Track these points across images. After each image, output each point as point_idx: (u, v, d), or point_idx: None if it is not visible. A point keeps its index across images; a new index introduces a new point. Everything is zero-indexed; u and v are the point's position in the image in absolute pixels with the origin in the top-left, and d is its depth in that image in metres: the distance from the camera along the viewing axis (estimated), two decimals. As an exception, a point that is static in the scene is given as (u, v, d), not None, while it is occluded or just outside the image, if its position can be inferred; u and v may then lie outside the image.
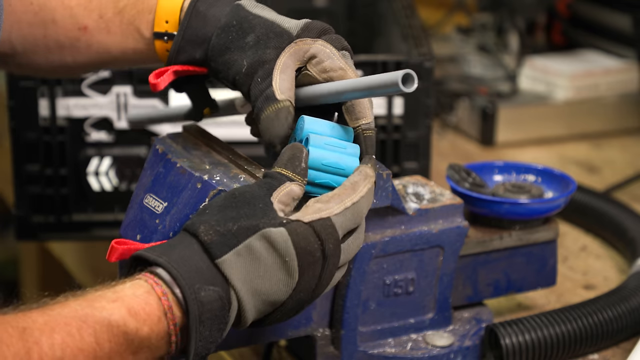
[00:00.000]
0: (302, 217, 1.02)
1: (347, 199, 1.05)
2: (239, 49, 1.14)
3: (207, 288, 0.98)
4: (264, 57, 1.12)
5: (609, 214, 1.68)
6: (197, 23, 1.16)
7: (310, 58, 1.14)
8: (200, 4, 1.17)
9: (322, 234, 1.02)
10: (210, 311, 0.98)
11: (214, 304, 0.98)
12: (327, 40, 1.14)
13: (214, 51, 1.15)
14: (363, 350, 1.26)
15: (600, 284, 1.56)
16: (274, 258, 1.01)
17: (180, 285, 0.98)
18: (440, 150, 2.03)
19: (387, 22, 1.97)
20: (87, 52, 1.24)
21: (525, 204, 1.36)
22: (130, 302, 0.97)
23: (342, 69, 1.13)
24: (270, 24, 1.15)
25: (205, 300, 0.98)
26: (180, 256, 1.00)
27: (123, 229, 1.20)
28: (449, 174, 1.40)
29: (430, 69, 1.58)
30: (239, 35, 1.14)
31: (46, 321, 0.93)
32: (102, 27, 1.22)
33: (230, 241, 1.00)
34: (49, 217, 1.60)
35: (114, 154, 1.59)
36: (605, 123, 2.18)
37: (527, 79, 2.22)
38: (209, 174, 1.15)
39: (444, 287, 1.30)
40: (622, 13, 2.24)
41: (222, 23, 1.15)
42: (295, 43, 1.14)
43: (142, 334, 0.96)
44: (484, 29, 2.37)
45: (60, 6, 1.23)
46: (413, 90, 1.04)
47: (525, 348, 1.28)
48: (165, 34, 1.19)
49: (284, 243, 1.00)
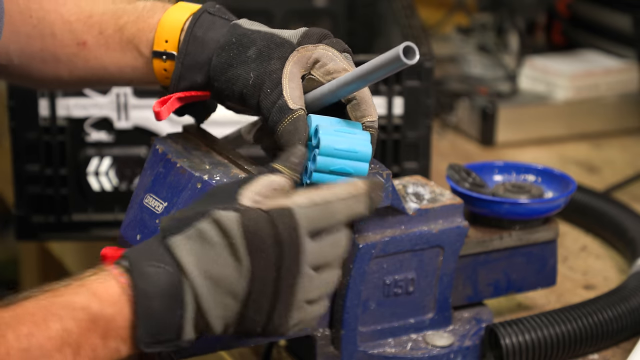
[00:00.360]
0: (261, 205, 1.02)
1: (317, 195, 1.03)
2: (242, 64, 1.14)
3: (154, 264, 0.98)
4: (270, 68, 1.13)
5: (609, 214, 1.68)
6: (196, 48, 1.17)
7: (314, 63, 1.15)
8: (197, 29, 1.17)
9: (277, 220, 1.00)
10: (156, 285, 0.97)
11: (161, 278, 0.98)
12: (328, 44, 1.16)
13: (216, 71, 1.16)
14: (363, 350, 1.26)
15: (600, 284, 1.56)
16: (221, 240, 0.99)
17: (130, 263, 0.99)
18: (440, 150, 2.03)
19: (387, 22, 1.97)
20: (83, 68, 1.25)
21: (525, 204, 1.36)
22: (92, 285, 0.97)
23: (346, 69, 1.14)
24: (270, 36, 1.15)
25: (150, 272, 0.98)
26: (144, 242, 1.02)
27: (123, 229, 1.20)
28: (449, 174, 1.40)
29: (430, 69, 1.58)
30: (240, 51, 1.15)
31: (12, 315, 0.93)
32: (102, 43, 1.22)
33: (183, 225, 1.00)
34: (49, 217, 1.60)
35: (114, 154, 1.59)
36: (605, 123, 2.18)
37: (527, 79, 2.22)
38: (209, 174, 1.15)
39: (444, 287, 1.30)
40: (622, 13, 2.24)
41: (221, 43, 1.16)
42: (298, 51, 1.14)
43: (107, 314, 0.96)
44: (484, 29, 2.37)
45: (60, 20, 1.23)
46: (416, 61, 1.04)
47: (525, 348, 1.28)
48: (164, 53, 1.19)
49: (231, 224, 0.99)
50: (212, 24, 1.18)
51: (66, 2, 1.24)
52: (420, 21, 1.81)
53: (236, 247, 0.99)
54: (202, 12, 1.19)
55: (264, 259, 1.00)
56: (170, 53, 1.19)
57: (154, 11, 1.21)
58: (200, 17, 1.18)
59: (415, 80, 1.58)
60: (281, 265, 1.00)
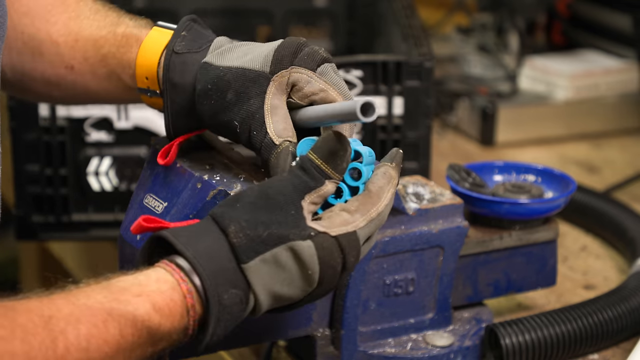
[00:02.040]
0: (329, 229, 1.03)
1: (372, 209, 1.05)
2: (225, 110, 1.13)
3: (230, 291, 0.99)
4: (251, 109, 1.12)
5: (609, 214, 1.68)
6: (178, 96, 1.16)
7: (292, 86, 1.13)
8: (172, 75, 1.16)
9: (346, 248, 1.03)
10: (229, 313, 1.00)
11: (234, 307, 1.00)
12: (300, 64, 1.13)
13: (204, 118, 1.15)
14: (363, 350, 1.26)
15: (600, 284, 1.56)
16: (298, 269, 1.02)
17: (205, 287, 0.99)
18: (440, 150, 2.03)
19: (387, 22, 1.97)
20: (73, 90, 1.25)
21: (525, 204, 1.36)
22: (155, 297, 0.97)
23: (323, 90, 1.13)
24: (242, 73, 1.13)
25: (226, 303, 0.99)
26: (207, 252, 1.00)
27: (123, 229, 1.20)
28: (449, 174, 1.40)
29: (430, 69, 1.58)
30: (219, 97, 1.13)
31: (72, 311, 0.94)
32: (87, 70, 1.22)
33: (259, 247, 1.00)
34: (49, 217, 1.60)
35: (114, 154, 1.59)
36: (605, 123, 2.18)
37: (527, 79, 2.22)
38: (209, 174, 1.15)
39: (444, 287, 1.30)
40: (622, 13, 2.24)
41: (198, 90, 1.14)
42: (273, 80, 1.13)
43: (164, 329, 0.97)
44: (484, 29, 2.37)
45: (48, 40, 1.23)
46: (374, 119, 1.03)
47: (525, 348, 1.28)
48: (148, 90, 1.19)
49: (310, 257, 1.02)
50: (183, 67, 1.16)
51: (57, 22, 1.23)
52: (420, 21, 1.81)
53: (311, 277, 1.02)
54: (171, 55, 1.16)
55: (331, 281, 1.04)
56: (153, 90, 1.19)
57: (130, 45, 1.20)
58: (170, 61, 1.16)
59: (415, 80, 1.58)
60: (338, 282, 1.06)
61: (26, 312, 0.92)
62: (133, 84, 1.20)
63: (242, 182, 1.13)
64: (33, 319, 0.91)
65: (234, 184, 1.13)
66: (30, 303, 0.93)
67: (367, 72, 1.57)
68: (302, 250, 1.01)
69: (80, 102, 1.30)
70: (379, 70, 1.57)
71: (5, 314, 0.91)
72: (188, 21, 1.19)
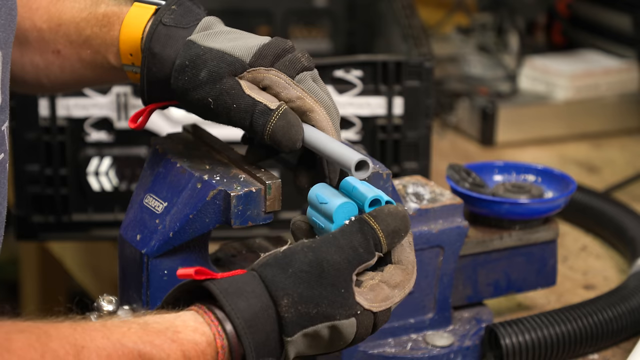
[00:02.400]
0: (372, 306, 1.03)
1: (408, 285, 1.07)
2: (197, 88, 1.12)
3: (266, 359, 1.00)
4: (224, 87, 1.11)
5: (609, 214, 1.68)
6: (155, 66, 1.16)
7: (265, 88, 1.13)
8: (154, 45, 1.16)
9: (380, 323, 1.05)
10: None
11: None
12: (281, 68, 1.13)
13: (177, 93, 1.14)
14: (363, 350, 1.26)
15: (600, 284, 1.56)
16: (335, 341, 1.03)
17: (242, 346, 0.98)
18: (440, 150, 2.03)
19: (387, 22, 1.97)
20: (61, 75, 1.24)
21: (525, 204, 1.36)
22: (188, 347, 0.97)
23: (300, 97, 1.12)
24: (221, 55, 1.12)
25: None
26: (252, 317, 0.99)
27: (123, 229, 1.20)
28: (449, 174, 1.40)
29: (430, 69, 1.58)
30: (193, 74, 1.12)
31: (105, 345, 0.93)
32: (73, 52, 1.22)
33: (305, 323, 1.00)
34: (49, 217, 1.60)
35: (114, 154, 1.59)
36: (605, 123, 2.18)
37: (527, 79, 2.22)
38: (209, 174, 1.15)
39: (444, 287, 1.30)
40: (622, 13, 2.24)
41: (176, 65, 1.14)
42: (249, 72, 1.12)
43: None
44: (484, 29, 2.37)
45: (32, 27, 1.23)
46: (366, 177, 1.06)
47: (525, 348, 1.28)
48: (132, 66, 1.19)
49: (349, 334, 1.03)
50: (167, 39, 1.15)
51: (39, 8, 1.23)
52: (420, 21, 1.81)
53: (341, 345, 1.04)
54: (157, 25, 1.16)
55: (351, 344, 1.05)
56: (138, 66, 1.18)
57: (112, 23, 1.19)
58: (155, 30, 1.16)
59: (415, 80, 1.58)
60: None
61: (59, 339, 0.91)
62: (118, 62, 1.19)
63: (241, 182, 1.13)
64: (65, 347, 0.91)
65: (234, 184, 1.13)
66: (64, 329, 0.93)
67: (367, 72, 1.57)
68: (343, 329, 1.02)
69: (70, 87, 1.29)
70: (379, 70, 1.57)
71: (39, 338, 0.90)
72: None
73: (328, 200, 1.07)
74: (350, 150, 1.07)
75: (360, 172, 1.06)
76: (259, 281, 1.00)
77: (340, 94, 1.58)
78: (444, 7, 2.61)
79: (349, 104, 1.58)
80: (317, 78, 1.15)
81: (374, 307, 1.03)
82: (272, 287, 1.00)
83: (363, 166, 1.06)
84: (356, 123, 1.59)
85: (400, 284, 1.06)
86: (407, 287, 1.07)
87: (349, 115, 1.59)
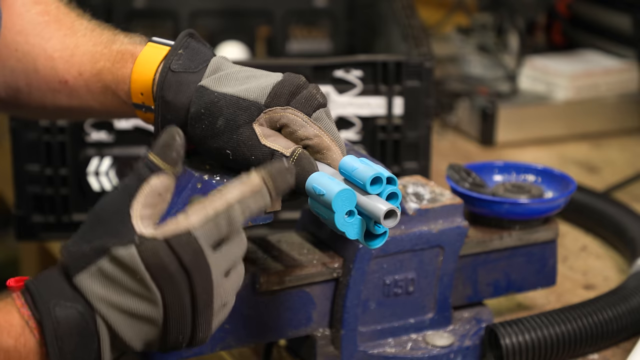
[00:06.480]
0: (158, 233, 1.01)
1: (210, 207, 1.02)
2: (214, 137, 1.13)
3: (64, 304, 0.99)
4: (241, 138, 1.12)
5: (609, 214, 1.68)
6: (169, 114, 1.16)
7: (282, 127, 1.13)
8: (166, 93, 1.16)
9: (177, 248, 1.00)
10: (66, 326, 0.99)
11: (71, 319, 0.99)
12: (297, 106, 1.13)
13: (195, 140, 1.15)
14: (363, 350, 1.26)
15: (600, 284, 1.56)
16: (124, 276, 1.00)
17: (35, 300, 0.99)
18: (440, 150, 2.03)
19: (387, 22, 1.97)
20: (68, 104, 1.24)
21: (525, 204, 1.36)
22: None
23: (318, 135, 1.13)
24: (236, 101, 1.13)
25: (60, 315, 0.98)
26: (45, 275, 1.01)
27: (123, 229, 1.20)
28: (449, 174, 1.40)
29: (430, 69, 1.58)
30: (210, 122, 1.13)
31: None
32: (82, 84, 1.22)
33: (82, 262, 1.00)
34: (49, 217, 1.60)
35: (114, 154, 1.59)
36: (605, 123, 2.18)
37: (527, 79, 2.22)
38: (209, 174, 1.15)
39: (444, 287, 1.30)
40: (622, 13, 2.24)
41: (191, 112, 1.14)
42: (265, 113, 1.13)
43: (7, 345, 0.98)
44: (484, 29, 2.37)
45: (43, 55, 1.23)
46: (393, 225, 1.08)
47: (525, 348, 1.28)
48: (142, 106, 1.19)
49: (131, 261, 0.99)
50: (179, 86, 1.16)
51: (51, 38, 1.23)
52: (420, 21, 1.81)
53: (142, 281, 0.99)
54: (167, 72, 1.16)
55: (173, 285, 1.00)
56: (148, 106, 1.18)
57: (125, 60, 1.19)
58: (165, 78, 1.16)
59: (415, 80, 1.58)
60: (193, 286, 1.01)
61: None
62: (128, 99, 1.20)
63: (242, 182, 1.13)
64: None
65: (234, 184, 1.13)
66: None
67: (367, 72, 1.57)
68: (122, 257, 0.99)
69: (75, 116, 1.29)
70: (379, 70, 1.57)
71: None
72: (185, 37, 1.19)
73: (325, 191, 1.08)
74: (378, 200, 1.08)
75: (389, 220, 1.08)
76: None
77: (340, 94, 1.58)
78: (444, 7, 2.61)
79: (349, 104, 1.58)
80: (329, 114, 1.16)
81: (159, 235, 1.00)
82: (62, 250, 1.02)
83: (391, 215, 1.08)
84: (356, 123, 1.59)
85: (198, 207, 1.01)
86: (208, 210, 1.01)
87: (349, 115, 1.59)
